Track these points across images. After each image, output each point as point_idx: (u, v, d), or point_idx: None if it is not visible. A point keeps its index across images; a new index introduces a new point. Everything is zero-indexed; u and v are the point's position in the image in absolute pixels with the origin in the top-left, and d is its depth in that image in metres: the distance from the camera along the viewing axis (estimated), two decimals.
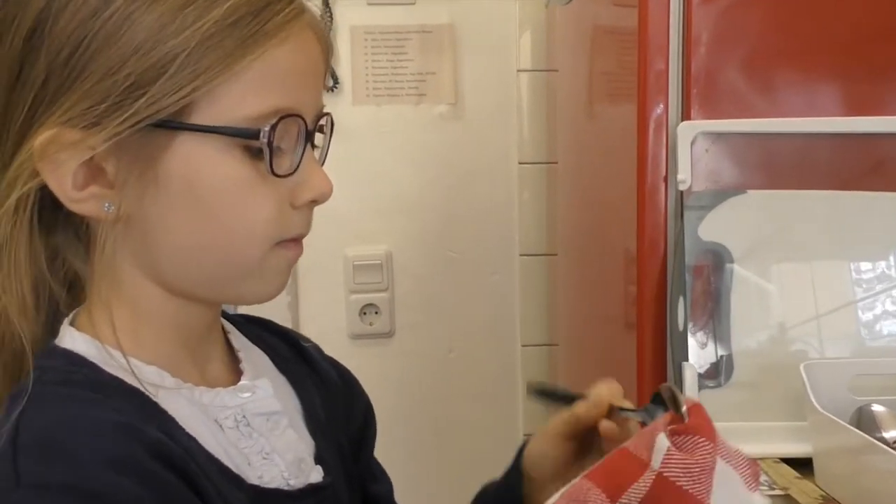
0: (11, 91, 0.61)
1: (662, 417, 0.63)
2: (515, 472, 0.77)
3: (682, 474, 0.59)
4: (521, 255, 1.85)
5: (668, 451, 0.60)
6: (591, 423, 0.70)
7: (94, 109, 0.58)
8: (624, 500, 0.59)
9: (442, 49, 1.76)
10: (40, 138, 0.59)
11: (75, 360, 0.62)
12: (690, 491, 0.59)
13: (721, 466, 0.60)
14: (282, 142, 0.62)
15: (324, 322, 1.79)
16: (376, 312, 1.81)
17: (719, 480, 0.60)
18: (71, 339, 0.63)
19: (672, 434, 0.61)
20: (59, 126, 0.59)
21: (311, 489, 0.68)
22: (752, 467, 0.63)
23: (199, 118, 0.59)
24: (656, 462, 0.60)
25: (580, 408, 0.70)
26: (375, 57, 1.75)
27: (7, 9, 0.61)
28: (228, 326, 0.74)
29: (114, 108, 0.58)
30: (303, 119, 0.63)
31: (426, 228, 1.81)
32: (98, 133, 0.58)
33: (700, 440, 0.61)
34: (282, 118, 0.61)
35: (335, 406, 0.78)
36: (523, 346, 1.87)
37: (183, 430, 0.61)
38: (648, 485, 0.59)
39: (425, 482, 1.83)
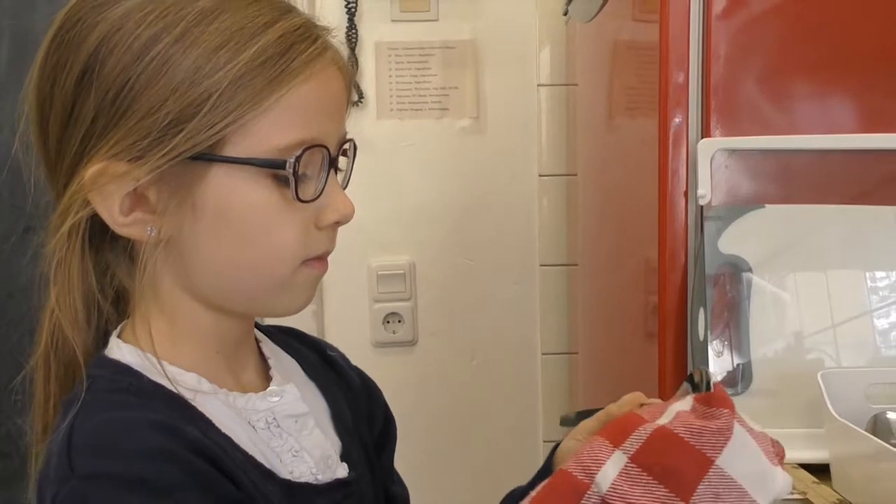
0: (65, 128, 0.66)
1: (680, 395, 0.66)
2: (546, 469, 0.80)
3: (683, 429, 0.62)
4: (540, 265, 1.88)
5: (677, 413, 0.63)
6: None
7: (138, 144, 0.63)
8: (625, 445, 0.62)
9: (464, 64, 1.80)
10: (90, 171, 0.64)
11: (121, 369, 0.67)
12: (690, 441, 0.61)
13: (740, 435, 0.62)
14: (307, 169, 0.67)
15: (348, 330, 1.82)
16: (399, 321, 1.85)
17: (735, 446, 0.62)
18: (118, 349, 0.69)
19: (694, 403, 0.64)
20: (108, 159, 0.64)
21: (338, 484, 0.73)
22: (776, 447, 0.65)
23: (231, 151, 0.64)
24: (664, 420, 0.63)
25: (612, 406, 0.74)
26: (399, 72, 1.78)
27: (60, 53, 0.66)
28: (260, 335, 0.79)
29: (155, 143, 0.63)
30: (326, 148, 0.67)
31: (448, 239, 1.85)
32: (142, 166, 0.63)
33: (719, 411, 0.63)
34: (306, 149, 0.66)
35: (359, 409, 0.83)
36: (543, 354, 1.90)
37: (219, 430, 0.66)
38: (649, 432, 0.62)
39: (446, 488, 1.86)
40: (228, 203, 0.65)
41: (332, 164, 0.69)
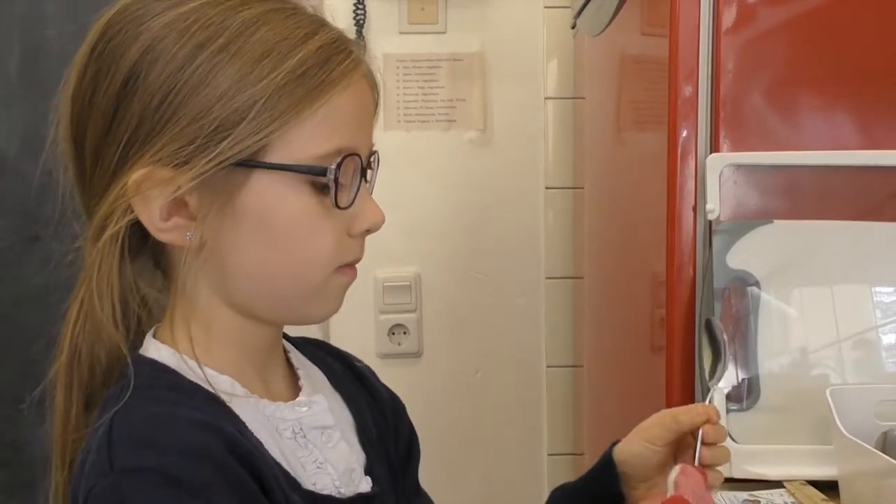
0: (105, 134, 0.67)
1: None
2: (607, 467, 0.82)
3: (691, 494, 0.69)
4: (546, 277, 1.88)
5: (676, 482, 0.71)
6: (688, 429, 0.78)
7: (184, 150, 0.65)
8: None
9: (471, 76, 1.80)
10: (135, 176, 0.66)
11: (159, 367, 0.69)
12: None
13: None
14: (343, 177, 0.68)
15: (353, 341, 1.79)
16: (405, 333, 1.85)
17: None
18: (155, 349, 0.70)
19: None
20: (152, 165, 0.65)
21: (360, 498, 0.74)
22: None
23: (273, 157, 0.66)
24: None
25: (683, 414, 0.78)
26: (407, 84, 1.79)
27: (101, 62, 0.67)
28: (288, 346, 0.80)
29: (201, 148, 0.65)
30: (360, 157, 0.70)
31: (454, 251, 1.85)
32: (187, 171, 0.65)
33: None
34: (345, 157, 0.68)
35: (385, 423, 0.84)
36: (548, 366, 1.90)
37: (251, 433, 0.67)
38: None
39: (450, 500, 1.85)
40: (269, 209, 0.67)
41: (364, 174, 0.71)
